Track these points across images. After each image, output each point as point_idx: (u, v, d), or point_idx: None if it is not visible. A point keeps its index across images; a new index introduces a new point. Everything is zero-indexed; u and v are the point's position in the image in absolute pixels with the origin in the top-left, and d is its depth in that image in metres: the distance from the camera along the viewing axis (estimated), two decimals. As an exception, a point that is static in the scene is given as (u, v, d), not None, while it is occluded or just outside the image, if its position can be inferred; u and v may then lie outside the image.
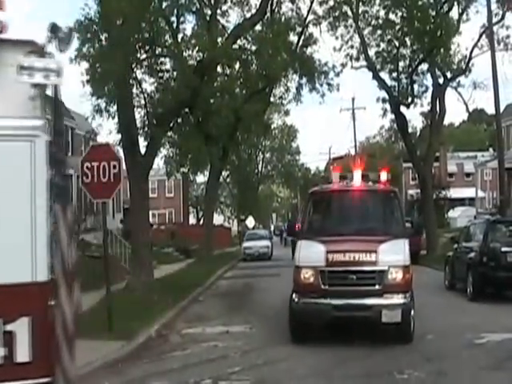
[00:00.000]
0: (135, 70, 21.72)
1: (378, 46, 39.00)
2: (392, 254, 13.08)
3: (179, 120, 23.57)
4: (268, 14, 28.87)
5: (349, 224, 14.58)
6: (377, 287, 12.82)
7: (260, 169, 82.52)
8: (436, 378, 10.38)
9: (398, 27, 37.46)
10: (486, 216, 26.70)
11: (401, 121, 39.95)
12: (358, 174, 14.97)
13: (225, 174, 57.65)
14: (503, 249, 19.62)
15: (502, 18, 35.87)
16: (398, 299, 12.84)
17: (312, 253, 13.39)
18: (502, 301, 19.31)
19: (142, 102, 22.48)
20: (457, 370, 10.84)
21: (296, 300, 13.28)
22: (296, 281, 13.40)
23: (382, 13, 37.58)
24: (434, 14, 34.82)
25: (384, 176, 15.21)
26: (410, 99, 39.43)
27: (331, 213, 15.74)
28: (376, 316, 12.65)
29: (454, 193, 68.68)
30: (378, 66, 39.51)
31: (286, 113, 59.84)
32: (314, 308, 12.97)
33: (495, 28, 35.02)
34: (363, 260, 12.96)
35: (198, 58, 22.45)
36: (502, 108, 35.27)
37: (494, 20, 34.53)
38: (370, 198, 15.36)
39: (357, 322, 13.32)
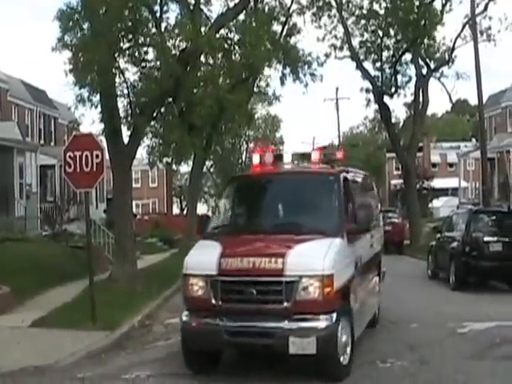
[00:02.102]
0: (118, 59, 21.53)
1: (362, 36, 39.17)
2: (307, 259, 9.52)
3: (162, 110, 23.46)
4: (251, 4, 28.73)
5: (266, 218, 11.45)
6: (284, 305, 9.32)
7: (244, 158, 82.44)
8: (419, 366, 10.44)
9: (381, 17, 37.51)
10: (468, 206, 26.84)
11: (384, 111, 40.05)
12: (288, 156, 12.52)
13: (208, 163, 57.49)
14: (485, 238, 19.80)
15: (485, 8, 36.07)
16: (313, 322, 9.30)
17: (204, 256, 10.21)
18: (484, 290, 19.48)
19: (125, 91, 22.27)
20: (439, 358, 10.91)
21: (184, 319, 10.11)
22: (184, 294, 10.30)
23: (365, 3, 37.79)
24: (417, 4, 34.88)
25: (316, 155, 12.09)
26: (393, 89, 39.57)
27: (247, 204, 12.17)
28: (281, 345, 9.19)
29: (437, 183, 68.94)
30: (362, 56, 39.62)
31: (270, 103, 59.70)
32: (204, 331, 9.76)
33: (478, 19, 35.18)
34: (266, 267, 9.44)
35: (182, 48, 22.30)
36: (484, 99, 35.36)
37: (477, 11, 34.66)
38: (299, 184, 11.59)
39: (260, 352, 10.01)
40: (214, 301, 9.64)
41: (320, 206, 11.21)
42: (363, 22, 38.46)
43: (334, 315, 9.39)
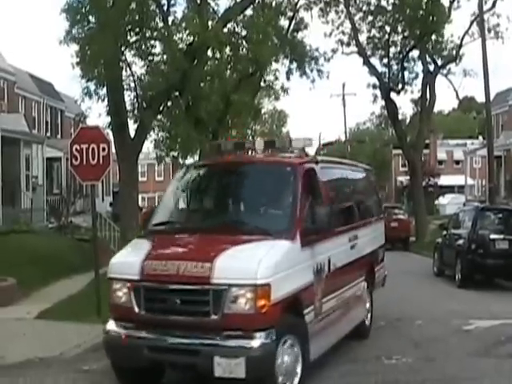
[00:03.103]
0: (125, 52, 21.57)
1: (369, 31, 38.96)
2: (238, 265, 8.00)
3: (169, 104, 23.51)
4: (259, -2, 28.71)
5: (209, 214, 10.16)
6: (212, 318, 7.86)
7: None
8: (424, 363, 10.42)
9: (389, 13, 37.40)
10: (474, 203, 26.78)
11: (391, 107, 39.92)
12: (259, 143, 10.82)
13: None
14: (492, 236, 19.74)
15: (493, 5, 35.88)
16: (243, 340, 7.77)
17: (129, 258, 8.94)
18: (489, 288, 19.44)
19: (132, 84, 22.37)
20: (445, 355, 10.89)
21: (107, 329, 8.76)
22: (109, 300, 8.90)
23: (373, -1, 37.53)
24: (425, 0, 34.75)
25: (259, 145, 10.69)
26: (400, 86, 39.45)
27: (191, 197, 10.78)
28: (206, 365, 7.80)
29: (444, 180, 68.85)
30: (369, 52, 39.48)
31: (277, 98, 59.80)
32: (126, 345, 8.38)
33: (486, 16, 34.98)
34: (191, 273, 7.99)
35: (188, 42, 22.31)
36: (492, 96, 35.23)
37: (485, 8, 34.49)
38: (253, 175, 10.17)
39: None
40: (137, 309, 8.28)
41: (272, 201, 9.56)
42: (370, 17, 38.29)
43: (272, 332, 7.83)
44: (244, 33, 25.05)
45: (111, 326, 8.65)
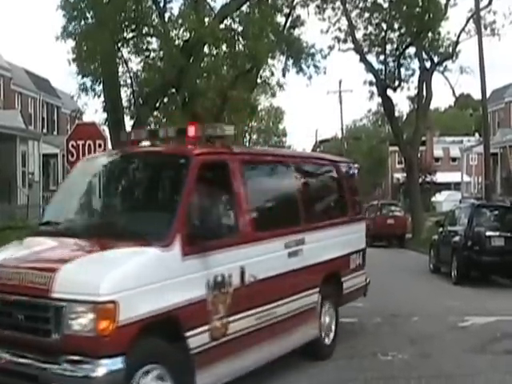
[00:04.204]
0: (121, 48, 21.58)
1: (366, 28, 38.91)
2: (81, 277, 6.62)
3: (165, 100, 23.52)
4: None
5: (88, 214, 8.89)
6: (54, 338, 6.51)
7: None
8: (420, 359, 10.42)
9: (385, 11, 37.40)
10: (471, 200, 26.82)
11: (387, 104, 39.93)
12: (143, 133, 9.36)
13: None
14: (488, 233, 19.75)
15: (489, 3, 35.87)
16: (85, 367, 6.35)
17: None
18: (485, 285, 19.48)
19: (129, 81, 22.39)
20: (440, 352, 10.88)
21: None
22: None
23: (369, -5, 37.52)
24: (422, -3, 34.74)
25: (192, 130, 8.70)
26: (396, 83, 39.42)
27: (79, 193, 9.02)
28: None
29: (440, 177, 68.85)
30: (366, 49, 39.43)
31: (273, 94, 59.85)
32: None
33: (482, 13, 34.99)
34: (33, 284, 6.71)
35: (185, 38, 22.32)
36: (488, 93, 35.25)
37: (482, 5, 34.49)
38: (142, 168, 9.06)
39: None
40: None
41: (155, 200, 8.38)
42: (367, 14, 38.25)
43: (123, 360, 6.40)
44: (240, 29, 25.05)
45: None
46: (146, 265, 6.92)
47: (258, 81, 33.15)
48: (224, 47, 24.76)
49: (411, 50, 39.15)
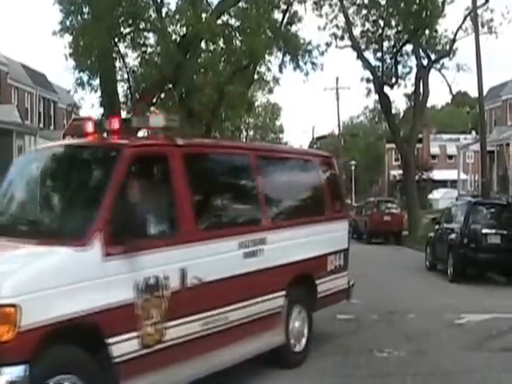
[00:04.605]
0: (118, 43, 21.55)
1: (363, 25, 38.97)
2: None
3: (162, 95, 23.50)
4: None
5: (13, 212, 7.99)
6: None
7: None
8: (416, 356, 10.40)
9: (383, 7, 37.41)
10: (467, 197, 26.80)
11: (384, 101, 39.94)
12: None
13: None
14: (484, 231, 19.76)
15: (487, 1, 35.88)
16: None
17: None
18: (481, 282, 19.48)
19: (125, 76, 22.37)
20: (436, 349, 10.86)
21: None
22: None
23: (367, -8, 37.52)
24: (419, -6, 34.74)
25: (115, 123, 8.07)
26: (393, 80, 39.47)
27: (9, 190, 8.29)
28: None
29: (437, 174, 68.97)
30: (363, 46, 39.47)
31: (270, 91, 59.96)
32: None
33: (480, 11, 34.99)
34: None
35: (182, 33, 22.29)
36: (485, 91, 35.24)
37: (479, 3, 34.48)
38: (72, 163, 8.10)
39: None
40: None
41: (80, 196, 7.58)
42: (364, 11, 38.29)
43: (26, 369, 5.81)
44: (238, 25, 25.02)
45: None
46: (55, 266, 6.28)
47: (255, 77, 33.13)
48: (221, 43, 24.74)
49: (408, 48, 39.24)
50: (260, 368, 9.16)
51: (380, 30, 38.55)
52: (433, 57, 38.98)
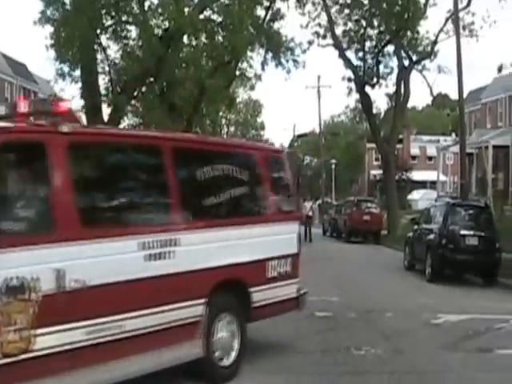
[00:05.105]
0: (100, 35, 21.40)
1: (346, 25, 39.19)
2: None
3: (143, 89, 23.40)
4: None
5: None
6: None
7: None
8: (393, 355, 10.38)
9: (365, 7, 37.52)
10: (446, 198, 26.86)
11: (366, 101, 40.05)
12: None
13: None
14: (462, 232, 19.86)
15: (468, 4, 36.12)
16: None
17: None
18: (459, 282, 19.61)
19: (107, 68, 22.23)
20: (413, 348, 10.88)
21: None
22: None
23: (350, -9, 37.63)
24: (401, -5, 34.87)
25: (24, 105, 7.36)
26: (375, 79, 39.66)
27: None
28: None
29: (416, 175, 69.27)
30: (345, 45, 39.64)
31: (252, 87, 59.98)
32: None
33: (461, 14, 35.11)
34: None
35: (164, 27, 22.18)
36: (465, 94, 35.37)
37: (460, 6, 34.60)
38: None
39: None
40: None
41: None
42: (347, 10, 38.44)
43: None
44: (220, 20, 24.95)
45: None
46: None
47: (237, 73, 33.06)
48: (203, 38, 24.66)
49: (390, 48, 39.48)
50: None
51: (362, 30, 38.73)
52: (414, 58, 39.18)
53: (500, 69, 28.06)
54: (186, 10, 22.56)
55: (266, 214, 9.86)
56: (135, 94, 22.87)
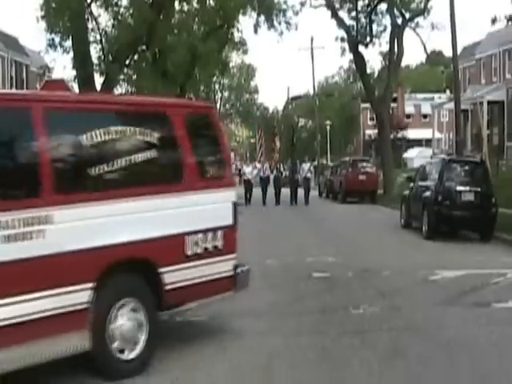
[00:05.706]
0: (91, 4, 21.28)
1: (338, -17, 38.77)
2: None
3: (136, 57, 23.30)
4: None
5: None
6: None
7: (218, 107, 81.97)
8: (390, 312, 10.52)
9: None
10: (441, 155, 26.87)
11: (359, 60, 39.91)
12: None
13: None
14: (458, 188, 19.91)
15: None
16: None
17: None
18: (455, 239, 19.72)
19: (98, 37, 22.11)
20: (411, 305, 11.02)
21: None
22: None
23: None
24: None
25: None
26: (368, 39, 39.46)
27: None
28: None
29: (411, 133, 69.20)
30: (337, 5, 39.38)
31: (245, 51, 59.58)
32: None
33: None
34: None
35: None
36: (459, 50, 35.23)
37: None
38: None
39: None
40: None
41: None
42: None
43: None
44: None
45: None
46: None
47: (229, 38, 32.90)
48: (195, 3, 24.53)
49: (383, 6, 39.19)
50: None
51: (354, -12, 38.42)
52: (407, 15, 38.92)
53: (494, 21, 27.82)
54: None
55: (183, 182, 8.27)
56: (127, 62, 22.77)
